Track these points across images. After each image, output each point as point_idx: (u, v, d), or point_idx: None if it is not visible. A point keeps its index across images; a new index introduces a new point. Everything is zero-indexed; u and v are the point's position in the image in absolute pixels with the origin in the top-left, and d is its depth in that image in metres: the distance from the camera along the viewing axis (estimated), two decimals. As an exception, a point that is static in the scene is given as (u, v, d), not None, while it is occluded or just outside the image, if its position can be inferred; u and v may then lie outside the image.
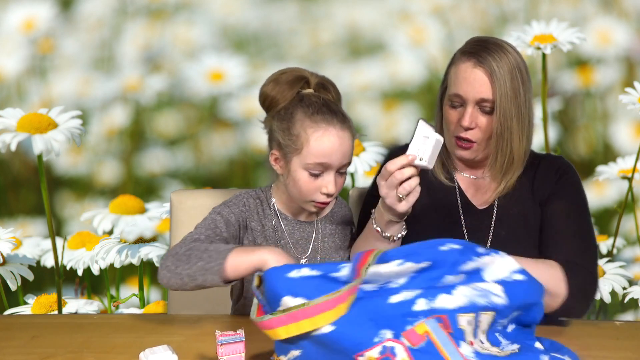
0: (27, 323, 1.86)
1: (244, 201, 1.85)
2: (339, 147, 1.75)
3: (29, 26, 3.38)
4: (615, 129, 3.50)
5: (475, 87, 1.86)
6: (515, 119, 1.86)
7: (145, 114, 3.61)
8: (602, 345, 1.69)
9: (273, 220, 1.85)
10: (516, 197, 1.93)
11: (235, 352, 1.52)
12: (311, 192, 1.77)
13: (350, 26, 3.74)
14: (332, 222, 1.90)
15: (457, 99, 1.89)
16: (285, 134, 1.77)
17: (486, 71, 1.85)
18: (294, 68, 1.83)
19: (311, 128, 1.75)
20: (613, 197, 3.33)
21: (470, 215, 1.94)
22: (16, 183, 3.54)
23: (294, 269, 1.51)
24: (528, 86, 1.89)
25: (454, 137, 1.91)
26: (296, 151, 1.76)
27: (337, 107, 1.80)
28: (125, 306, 2.42)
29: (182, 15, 3.67)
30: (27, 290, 2.37)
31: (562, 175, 1.94)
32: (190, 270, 1.66)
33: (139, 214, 2.45)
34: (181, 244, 1.73)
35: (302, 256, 1.86)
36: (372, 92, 3.69)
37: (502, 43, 1.90)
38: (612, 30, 3.46)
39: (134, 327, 1.80)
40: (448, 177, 1.98)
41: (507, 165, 1.90)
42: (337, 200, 1.94)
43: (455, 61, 1.91)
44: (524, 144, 1.89)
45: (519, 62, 1.88)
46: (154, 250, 2.29)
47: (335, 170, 1.76)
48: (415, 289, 1.51)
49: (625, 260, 2.80)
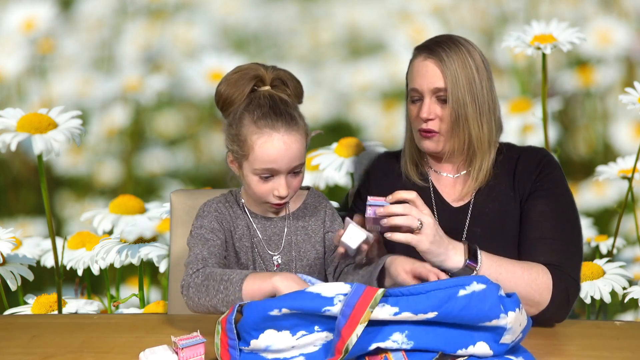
0: (27, 323, 1.86)
1: (215, 206, 1.88)
2: (285, 152, 1.75)
3: (29, 26, 3.37)
4: (615, 129, 3.49)
5: (427, 77, 1.89)
6: (470, 105, 1.88)
7: (145, 114, 3.61)
8: (602, 345, 1.69)
9: (245, 220, 1.88)
10: (494, 193, 1.93)
11: (196, 355, 1.53)
12: (264, 194, 1.80)
13: (350, 26, 3.74)
14: (303, 215, 1.91)
15: (415, 94, 1.92)
16: (233, 140, 1.80)
17: (435, 61, 1.89)
18: (249, 65, 1.83)
19: (255, 134, 1.76)
20: (613, 197, 3.33)
21: (445, 214, 1.95)
22: (16, 183, 3.54)
23: (275, 308, 1.52)
24: (486, 74, 1.91)
25: (418, 130, 1.93)
26: (244, 157, 1.78)
27: (286, 108, 1.79)
28: (125, 306, 2.42)
29: (182, 15, 3.67)
30: (27, 290, 2.37)
31: (543, 169, 1.93)
32: (211, 302, 1.70)
33: (139, 214, 2.45)
34: (195, 273, 1.74)
35: (276, 252, 1.88)
36: (372, 92, 3.69)
37: (455, 37, 1.94)
38: (612, 30, 3.46)
39: (134, 327, 1.80)
40: (422, 178, 1.99)
41: (468, 152, 1.92)
42: (310, 191, 1.95)
43: (412, 59, 1.95)
44: (484, 130, 1.90)
45: (472, 51, 1.91)
46: (154, 250, 2.28)
47: (286, 173, 1.78)
48: (408, 338, 1.52)
49: (625, 260, 2.80)
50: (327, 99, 3.68)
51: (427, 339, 1.51)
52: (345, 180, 2.50)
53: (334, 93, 3.70)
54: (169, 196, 2.16)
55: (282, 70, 1.84)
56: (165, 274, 2.29)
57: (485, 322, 1.49)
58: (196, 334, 1.54)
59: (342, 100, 3.70)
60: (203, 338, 1.54)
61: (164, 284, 2.47)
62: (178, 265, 2.12)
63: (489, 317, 1.49)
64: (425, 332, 1.52)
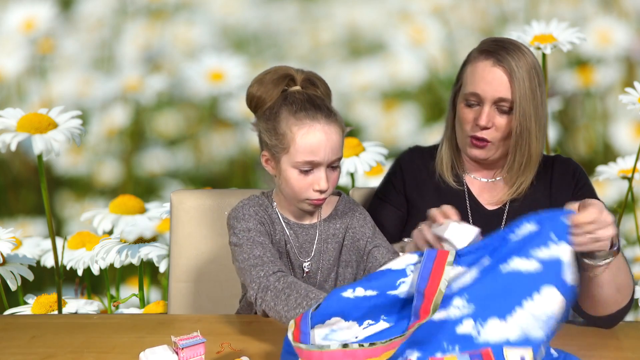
0: (27, 323, 1.86)
1: (253, 209, 1.82)
2: (326, 143, 1.72)
3: (29, 26, 3.38)
4: (615, 129, 3.49)
5: (494, 86, 1.84)
6: (533, 119, 1.84)
7: (145, 114, 3.61)
8: (602, 345, 1.69)
9: (280, 225, 1.84)
10: (529, 201, 1.92)
11: (196, 355, 1.53)
12: (303, 190, 1.75)
13: (350, 26, 3.74)
14: (335, 222, 1.87)
15: (473, 98, 1.86)
16: (271, 134, 1.76)
17: (505, 70, 1.83)
18: (279, 66, 1.81)
19: (296, 126, 1.73)
20: (613, 197, 3.33)
21: (480, 217, 1.93)
22: (16, 183, 3.54)
23: (348, 288, 1.48)
24: (543, 88, 1.87)
25: (469, 136, 1.89)
26: (284, 150, 1.74)
27: (322, 102, 1.77)
28: (125, 306, 2.42)
29: (182, 15, 3.67)
30: (27, 290, 2.37)
31: (579, 180, 1.94)
32: (288, 313, 1.61)
33: (139, 214, 2.45)
34: (274, 276, 1.67)
35: (306, 259, 1.84)
36: (372, 92, 3.69)
37: (519, 44, 1.88)
38: (612, 30, 3.46)
39: (134, 327, 1.80)
40: (456, 180, 1.97)
41: (525, 166, 1.89)
42: (341, 197, 1.91)
43: (472, 60, 1.88)
44: (540, 145, 1.88)
45: (535, 63, 1.86)
46: (154, 250, 2.29)
47: (326, 165, 1.74)
48: (468, 302, 1.44)
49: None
50: (327, 99, 3.68)
51: (487, 300, 1.45)
52: (346, 180, 2.50)
53: (334, 93, 3.68)
54: (169, 196, 2.16)
55: (310, 71, 1.83)
56: (165, 274, 2.29)
57: (540, 247, 1.46)
58: (196, 334, 1.54)
59: (342, 100, 3.70)
60: (203, 338, 1.54)
61: (164, 284, 2.47)
62: (178, 265, 2.13)
63: (542, 243, 1.46)
64: (484, 288, 1.45)
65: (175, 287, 2.12)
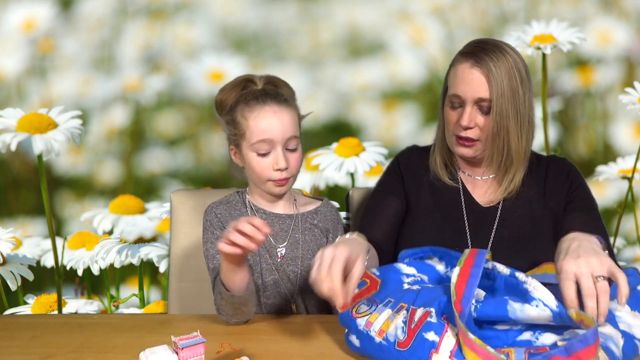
0: (27, 323, 1.86)
1: (213, 213, 1.91)
2: (277, 122, 1.83)
3: (29, 26, 3.38)
4: (615, 129, 3.50)
5: (472, 87, 1.86)
6: (512, 118, 1.86)
7: (145, 114, 3.61)
8: (602, 345, 1.69)
9: (250, 215, 1.90)
10: (523, 198, 1.93)
11: (196, 355, 1.53)
12: (265, 170, 1.85)
13: (350, 26, 3.74)
14: (313, 218, 1.93)
15: (456, 100, 1.89)
16: (230, 126, 1.87)
17: (483, 71, 1.85)
18: (242, 74, 1.92)
19: (248, 112, 1.84)
20: (613, 197, 3.33)
21: (474, 213, 1.94)
22: (16, 183, 3.54)
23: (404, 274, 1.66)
24: (528, 86, 1.89)
25: (455, 135, 1.91)
26: (242, 137, 1.85)
27: (276, 92, 1.87)
28: (125, 306, 2.42)
29: (182, 15, 3.67)
30: (27, 290, 2.37)
31: (574, 180, 1.95)
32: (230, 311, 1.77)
33: (139, 214, 2.45)
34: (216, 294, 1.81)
35: (280, 245, 1.90)
36: (372, 92, 3.69)
37: (501, 44, 1.90)
38: (612, 30, 3.46)
39: (134, 327, 1.80)
40: (451, 177, 1.98)
41: (506, 164, 1.91)
42: (324, 201, 1.97)
43: (455, 63, 1.92)
44: (523, 143, 1.89)
45: (518, 62, 1.88)
46: (154, 250, 2.28)
47: (282, 145, 1.83)
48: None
49: (626, 260, 2.80)
50: (327, 99, 3.68)
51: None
52: (346, 180, 2.50)
53: (334, 93, 3.70)
54: (169, 196, 2.16)
55: (273, 75, 1.92)
56: (165, 274, 2.29)
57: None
58: (196, 334, 1.54)
59: (342, 100, 3.70)
60: (203, 338, 1.54)
61: (164, 284, 2.47)
62: (178, 265, 2.13)
63: None
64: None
65: (175, 287, 2.12)
